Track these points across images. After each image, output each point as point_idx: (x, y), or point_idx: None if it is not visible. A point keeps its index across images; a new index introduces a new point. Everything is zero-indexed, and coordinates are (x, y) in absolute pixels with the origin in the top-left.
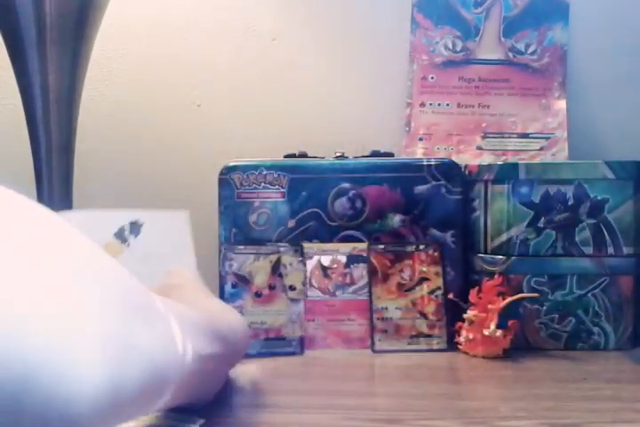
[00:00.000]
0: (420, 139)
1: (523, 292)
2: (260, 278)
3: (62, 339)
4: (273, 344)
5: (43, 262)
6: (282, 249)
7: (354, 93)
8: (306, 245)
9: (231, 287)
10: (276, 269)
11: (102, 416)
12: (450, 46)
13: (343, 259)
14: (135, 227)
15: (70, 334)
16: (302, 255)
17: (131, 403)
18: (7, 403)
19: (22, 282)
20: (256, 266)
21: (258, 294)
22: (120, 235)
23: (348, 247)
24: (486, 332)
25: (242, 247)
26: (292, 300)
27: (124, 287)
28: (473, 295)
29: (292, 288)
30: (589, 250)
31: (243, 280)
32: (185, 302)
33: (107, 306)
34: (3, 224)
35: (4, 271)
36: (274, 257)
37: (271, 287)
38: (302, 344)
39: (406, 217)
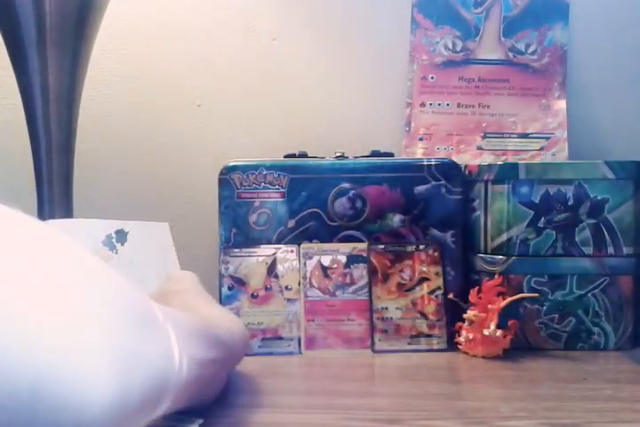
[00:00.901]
0: (420, 139)
1: (523, 292)
2: (256, 280)
3: (72, 350)
4: (270, 344)
5: (49, 277)
6: (277, 250)
7: (354, 93)
8: (306, 245)
9: (227, 290)
10: (271, 270)
11: (111, 425)
12: (450, 46)
13: (343, 259)
14: (121, 235)
15: (80, 346)
16: (298, 256)
17: (136, 412)
18: (21, 412)
19: (32, 297)
20: (252, 268)
21: (254, 296)
22: (108, 242)
23: (347, 247)
24: (486, 332)
25: (237, 250)
26: (289, 300)
27: (127, 298)
28: (473, 295)
29: (288, 288)
30: (589, 250)
31: (239, 282)
32: (185, 308)
33: (112, 317)
34: (10, 242)
35: (15, 288)
36: (269, 258)
37: (267, 288)
38: (300, 344)
39: (406, 217)
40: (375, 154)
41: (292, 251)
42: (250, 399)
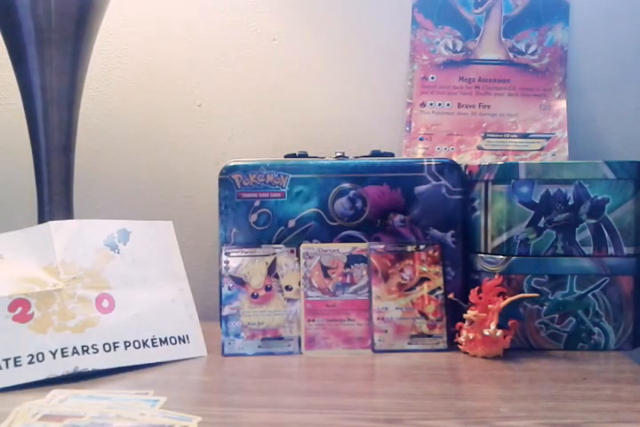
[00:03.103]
0: (421, 139)
1: (523, 292)
2: (256, 280)
3: None
4: (271, 344)
5: None
6: (277, 250)
7: (354, 93)
8: (306, 245)
9: (228, 289)
10: (271, 270)
11: None
12: (450, 46)
13: (343, 259)
14: (124, 234)
15: None
16: (298, 256)
17: None
18: None
19: None
20: (252, 268)
21: (254, 296)
22: (110, 243)
23: (348, 247)
24: (486, 332)
25: (238, 250)
26: (289, 300)
27: None
28: (473, 295)
29: (288, 288)
30: (590, 250)
31: (239, 282)
32: None
33: None
34: None
35: None
36: (269, 258)
37: (267, 288)
38: (300, 344)
39: (406, 217)
40: (375, 154)
41: (292, 251)
42: (250, 399)
